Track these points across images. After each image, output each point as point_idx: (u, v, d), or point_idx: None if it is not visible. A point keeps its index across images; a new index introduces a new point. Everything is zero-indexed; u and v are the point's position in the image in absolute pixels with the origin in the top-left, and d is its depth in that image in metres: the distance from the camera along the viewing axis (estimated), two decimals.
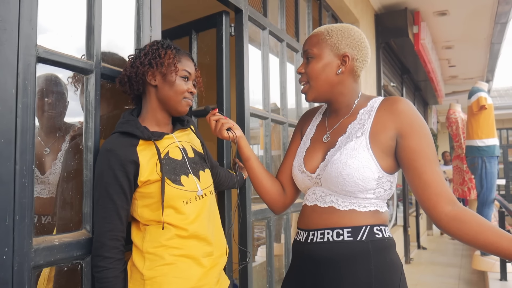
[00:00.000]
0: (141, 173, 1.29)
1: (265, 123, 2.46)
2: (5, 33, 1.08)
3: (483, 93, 5.15)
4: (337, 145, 1.32)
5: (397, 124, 1.26)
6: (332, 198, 1.30)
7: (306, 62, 1.38)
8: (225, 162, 2.07)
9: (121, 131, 1.31)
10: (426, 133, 1.26)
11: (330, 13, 3.83)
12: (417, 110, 1.30)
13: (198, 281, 1.32)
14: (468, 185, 6.27)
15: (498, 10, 4.93)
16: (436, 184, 1.21)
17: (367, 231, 1.26)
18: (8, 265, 1.06)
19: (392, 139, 1.26)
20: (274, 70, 2.66)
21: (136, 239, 1.33)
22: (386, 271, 1.24)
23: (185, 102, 1.41)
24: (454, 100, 8.80)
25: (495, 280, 4.54)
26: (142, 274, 1.28)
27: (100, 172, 1.27)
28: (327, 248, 1.28)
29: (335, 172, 1.26)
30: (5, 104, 1.07)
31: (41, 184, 1.68)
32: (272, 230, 2.39)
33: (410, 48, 5.29)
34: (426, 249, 7.53)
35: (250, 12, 2.29)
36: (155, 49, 1.38)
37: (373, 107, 1.33)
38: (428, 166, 1.22)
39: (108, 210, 1.26)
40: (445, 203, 1.20)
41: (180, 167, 1.37)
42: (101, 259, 1.24)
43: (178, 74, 1.38)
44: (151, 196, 1.30)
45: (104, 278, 1.24)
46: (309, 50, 1.37)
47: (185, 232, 1.31)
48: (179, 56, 1.40)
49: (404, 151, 1.25)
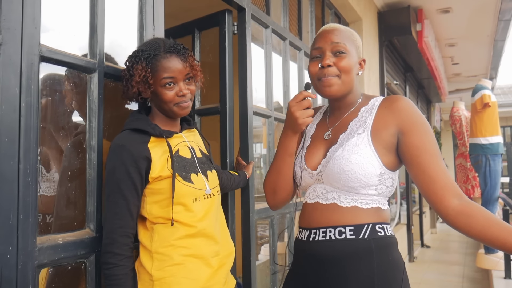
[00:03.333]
0: (152, 169, 1.28)
1: (268, 122, 2.46)
2: (8, 32, 1.08)
3: (486, 90, 5.13)
4: (339, 141, 1.32)
5: (398, 121, 1.27)
6: (334, 195, 1.30)
7: (334, 56, 1.32)
8: (228, 160, 2.07)
9: (132, 128, 1.31)
10: (428, 129, 1.27)
11: (333, 11, 3.82)
12: (417, 108, 1.31)
13: (206, 282, 1.32)
14: (472, 183, 6.25)
15: (501, 7, 4.91)
16: (441, 178, 1.21)
17: (370, 229, 1.26)
18: (12, 264, 1.07)
19: (393, 136, 1.27)
20: (277, 68, 2.65)
21: (144, 239, 1.32)
22: (388, 269, 1.24)
23: (177, 107, 1.34)
24: (458, 98, 8.76)
25: (499, 278, 4.52)
26: (151, 274, 1.27)
27: (112, 168, 1.26)
28: (329, 247, 1.27)
29: (337, 168, 1.26)
30: (9, 103, 1.07)
31: (46, 182, 1.68)
32: (275, 229, 2.39)
33: (413, 46, 5.27)
34: (430, 247, 7.51)
35: (253, 10, 2.29)
36: (130, 66, 1.33)
37: (374, 105, 1.34)
38: (432, 161, 1.23)
39: (120, 206, 1.25)
40: (451, 197, 1.20)
41: (190, 166, 1.37)
42: (111, 256, 1.23)
43: (158, 84, 1.31)
44: (161, 192, 1.31)
45: (114, 276, 1.22)
46: (341, 44, 1.32)
47: (194, 229, 1.31)
48: (154, 64, 1.31)
49: (407, 148, 1.25)
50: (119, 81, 1.49)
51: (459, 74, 8.47)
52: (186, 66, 1.35)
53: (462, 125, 6.39)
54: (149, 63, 1.30)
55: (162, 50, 1.32)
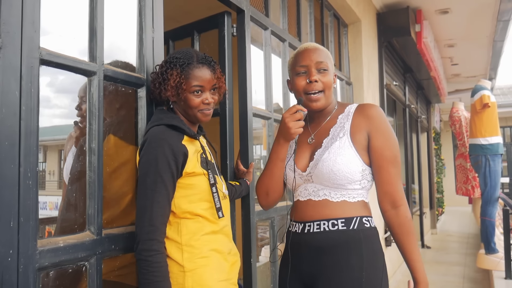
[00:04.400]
0: (188, 165, 1.36)
1: (268, 123, 2.46)
2: (8, 35, 1.08)
3: (486, 91, 5.13)
4: (323, 145, 1.52)
5: (367, 126, 1.49)
6: (325, 192, 1.49)
7: (318, 72, 1.52)
8: (228, 162, 2.07)
9: (169, 124, 1.38)
10: (390, 136, 1.50)
11: (332, 12, 3.83)
12: (385, 116, 1.54)
13: (227, 274, 1.42)
14: (472, 183, 6.25)
15: (500, 8, 4.91)
16: (386, 183, 1.48)
17: (358, 221, 1.47)
18: (13, 267, 1.07)
19: (365, 139, 1.49)
20: (277, 70, 2.66)
21: (169, 232, 1.36)
22: (374, 257, 1.45)
23: (201, 114, 1.45)
24: (457, 99, 8.76)
25: (499, 278, 4.52)
26: (182, 266, 1.33)
27: (154, 158, 1.31)
28: (323, 237, 1.46)
29: (326, 169, 1.46)
30: (9, 106, 1.07)
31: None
32: (275, 230, 2.39)
33: (412, 47, 5.28)
34: (430, 248, 7.51)
35: (252, 12, 2.29)
36: (163, 71, 1.44)
37: (350, 112, 1.55)
38: (385, 165, 1.47)
39: (162, 196, 1.30)
40: (387, 203, 1.48)
41: (212, 167, 1.47)
42: (156, 243, 1.27)
43: (188, 90, 1.42)
44: (191, 187, 1.38)
45: (157, 263, 1.26)
46: (324, 62, 1.53)
47: (217, 226, 1.42)
48: (187, 72, 1.42)
49: (371, 150, 1.49)
50: (118, 83, 1.50)
51: (458, 74, 8.48)
52: (214, 77, 1.47)
53: (462, 125, 6.39)
54: (183, 70, 1.41)
55: (195, 60, 1.44)
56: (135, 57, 1.60)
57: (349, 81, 4.16)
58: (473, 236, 8.53)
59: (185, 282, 1.32)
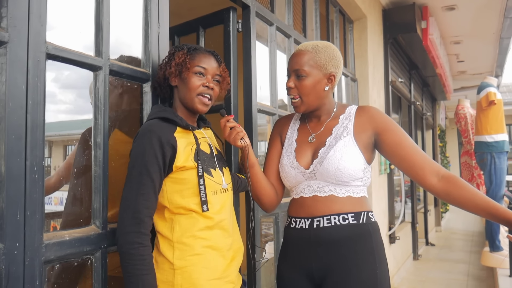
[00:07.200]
0: (177, 158, 1.34)
1: (273, 119, 2.46)
2: (15, 30, 1.09)
3: (492, 88, 5.10)
4: (327, 144, 1.55)
5: (373, 126, 1.55)
6: (331, 188, 1.53)
7: (296, 79, 1.55)
8: (232, 158, 2.08)
9: (161, 117, 1.37)
10: (399, 128, 1.56)
11: (338, 8, 3.81)
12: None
13: (223, 272, 1.38)
14: (477, 181, 6.23)
15: (507, 4, 4.87)
16: (418, 160, 1.50)
17: (365, 216, 1.53)
18: (19, 260, 1.08)
19: (370, 138, 1.56)
20: (282, 66, 2.65)
21: (164, 229, 1.36)
22: (382, 249, 1.53)
23: (199, 99, 1.44)
24: (463, 96, 8.74)
25: (504, 276, 4.51)
26: (172, 263, 1.31)
27: (141, 151, 1.30)
28: (335, 231, 1.50)
29: (332, 167, 1.50)
30: (16, 100, 1.08)
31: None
32: (279, 226, 2.39)
33: (418, 44, 5.25)
34: (435, 246, 7.49)
35: (258, 8, 2.29)
36: (171, 53, 1.48)
37: (351, 113, 1.61)
38: (411, 150, 1.51)
39: (147, 188, 1.28)
40: (430, 175, 1.48)
41: (209, 160, 1.45)
42: (138, 235, 1.25)
43: (191, 70, 1.43)
44: (184, 182, 1.36)
45: (140, 256, 1.24)
46: (300, 69, 1.54)
47: (212, 221, 1.38)
48: (193, 54, 1.45)
49: (389, 145, 1.54)
50: (124, 78, 1.50)
51: (464, 71, 8.42)
52: (219, 68, 1.50)
53: (467, 123, 6.36)
54: (190, 52, 1.45)
55: (203, 49, 1.49)
56: (140, 52, 1.60)
57: (354, 77, 4.15)
58: (478, 234, 8.51)
59: (174, 280, 1.30)
